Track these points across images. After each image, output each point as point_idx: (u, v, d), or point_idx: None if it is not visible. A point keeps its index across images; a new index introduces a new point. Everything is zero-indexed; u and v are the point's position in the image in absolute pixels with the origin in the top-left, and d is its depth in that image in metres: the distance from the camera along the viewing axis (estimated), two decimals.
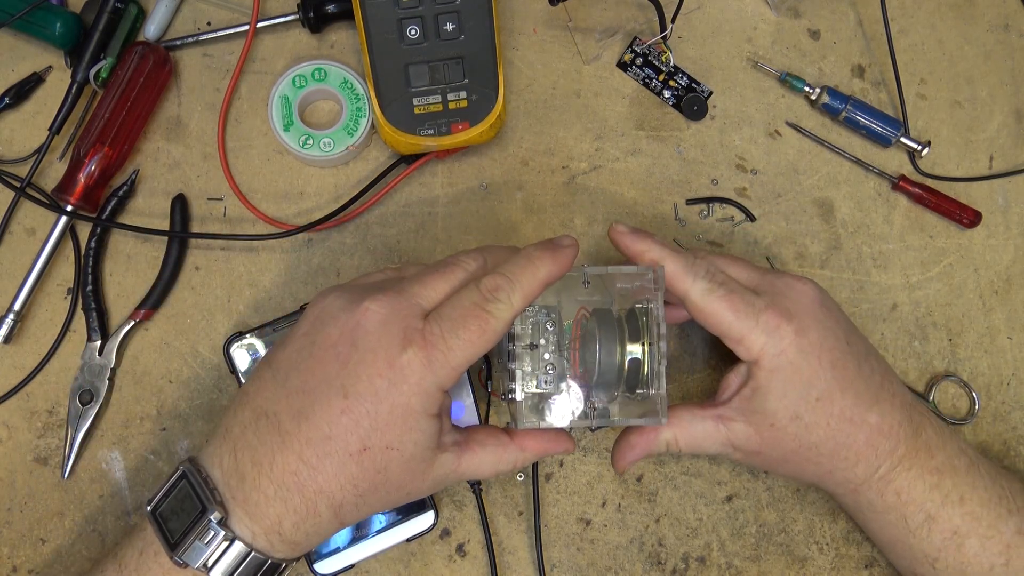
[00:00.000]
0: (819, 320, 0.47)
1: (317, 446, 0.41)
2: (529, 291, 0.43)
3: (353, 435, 0.41)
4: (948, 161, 0.62)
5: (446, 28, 0.53)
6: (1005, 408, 0.59)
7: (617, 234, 0.48)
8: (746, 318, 0.46)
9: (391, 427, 0.41)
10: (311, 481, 0.41)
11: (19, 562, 0.55)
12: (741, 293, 0.46)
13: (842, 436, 0.47)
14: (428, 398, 0.41)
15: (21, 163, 0.58)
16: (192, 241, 0.58)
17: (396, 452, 0.41)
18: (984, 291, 0.61)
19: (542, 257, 0.44)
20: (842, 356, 0.47)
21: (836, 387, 0.46)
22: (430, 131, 0.55)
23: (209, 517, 0.41)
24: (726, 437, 0.48)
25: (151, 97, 0.57)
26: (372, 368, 0.41)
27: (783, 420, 0.47)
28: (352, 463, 0.41)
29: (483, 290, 0.42)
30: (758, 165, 0.61)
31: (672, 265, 0.46)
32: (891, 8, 0.61)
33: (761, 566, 0.56)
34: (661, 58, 0.61)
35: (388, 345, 0.41)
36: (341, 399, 0.41)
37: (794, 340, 0.46)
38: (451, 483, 0.45)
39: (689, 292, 0.46)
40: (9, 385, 0.56)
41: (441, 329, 0.41)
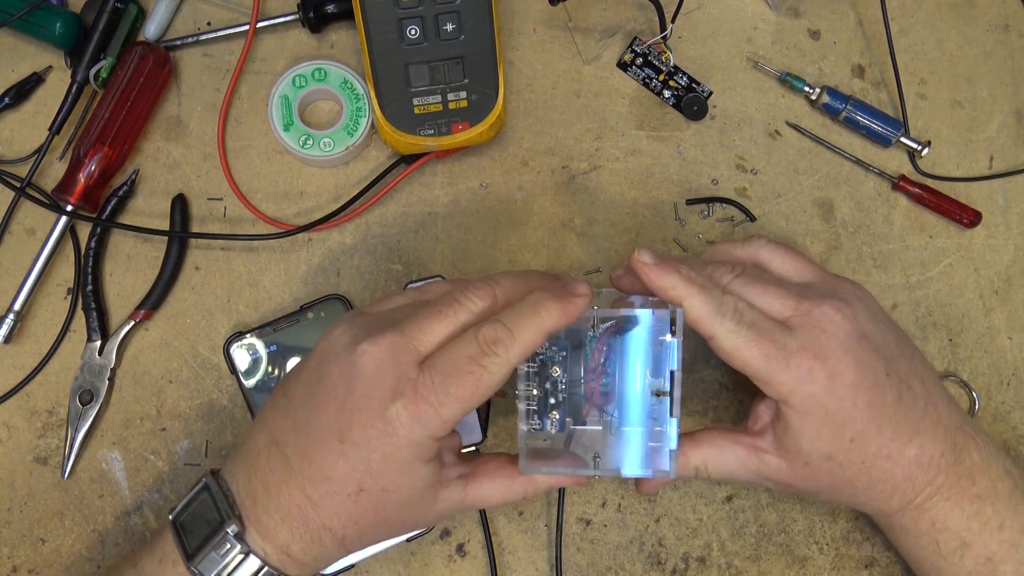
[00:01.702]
0: (856, 357, 0.44)
1: (318, 485, 0.42)
2: (530, 344, 0.41)
3: (350, 478, 0.41)
4: (948, 161, 0.62)
5: (446, 28, 0.53)
6: (1005, 408, 0.59)
7: (639, 265, 0.44)
8: (775, 362, 0.43)
9: (385, 473, 0.41)
10: (314, 516, 0.42)
11: (19, 562, 0.55)
12: (771, 334, 0.43)
13: (878, 472, 0.45)
14: (419, 448, 0.41)
15: (21, 163, 0.58)
16: (192, 241, 0.58)
17: (392, 494, 0.42)
18: (984, 291, 0.61)
19: (549, 308, 0.42)
20: (880, 392, 0.44)
21: (872, 426, 0.44)
22: (430, 131, 0.55)
23: (226, 529, 0.42)
24: (758, 468, 0.47)
25: (151, 97, 0.57)
26: (365, 416, 0.41)
27: (816, 460, 0.45)
28: (350, 503, 0.42)
29: (480, 342, 0.41)
30: (758, 165, 0.61)
31: (697, 305, 0.43)
32: (891, 8, 0.61)
33: (761, 566, 0.56)
34: (661, 58, 0.61)
35: (380, 394, 0.41)
36: (338, 443, 0.41)
37: (826, 384, 0.43)
38: (459, 512, 0.46)
39: (715, 335, 0.43)
40: (9, 385, 0.56)
41: (433, 382, 0.40)
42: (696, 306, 0.43)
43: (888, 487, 0.46)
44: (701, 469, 0.47)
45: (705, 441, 0.47)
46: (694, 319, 0.43)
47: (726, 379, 0.58)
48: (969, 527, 0.46)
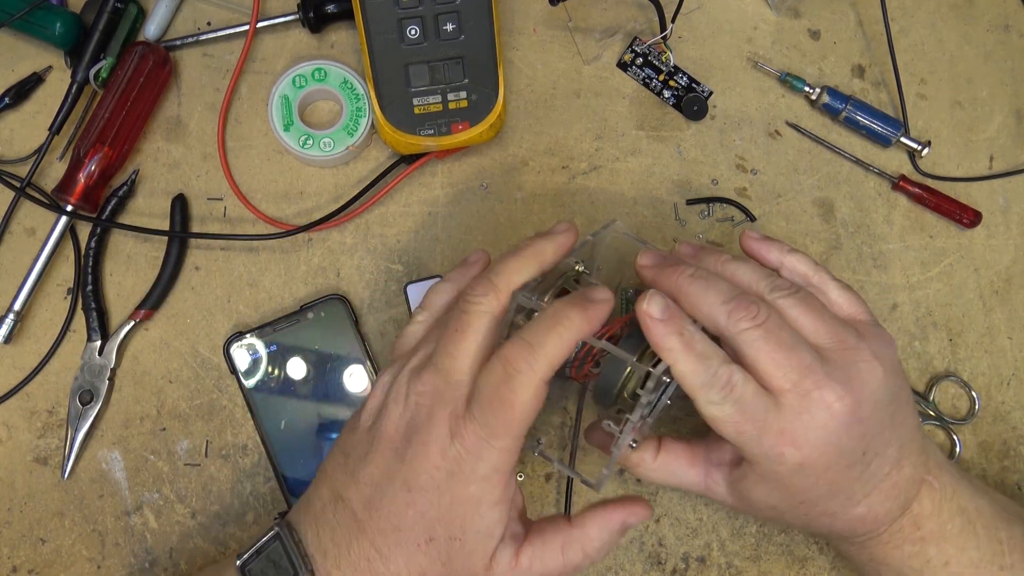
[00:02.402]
0: (837, 446, 0.42)
1: (388, 536, 0.42)
2: (554, 355, 0.40)
3: (420, 526, 0.41)
4: (948, 161, 0.62)
5: (446, 28, 0.53)
6: (1005, 408, 0.59)
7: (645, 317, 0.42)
8: (748, 438, 0.42)
9: (455, 517, 0.41)
10: (384, 569, 0.42)
11: (19, 562, 0.55)
12: (752, 414, 0.41)
13: (820, 525, 0.46)
14: (487, 483, 0.41)
15: (21, 163, 0.58)
16: (192, 241, 0.58)
17: (458, 543, 0.41)
18: (984, 291, 0.61)
19: (570, 316, 0.41)
20: (847, 471, 0.43)
21: (824, 495, 0.44)
22: (430, 131, 0.55)
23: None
24: (706, 490, 0.47)
25: (151, 97, 0.57)
26: (428, 462, 0.41)
27: (761, 508, 0.46)
28: (420, 553, 0.42)
29: (504, 365, 0.40)
30: (758, 165, 0.61)
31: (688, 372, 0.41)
32: (891, 8, 0.61)
33: (761, 566, 0.56)
34: (661, 58, 0.61)
35: (438, 438, 0.41)
36: (405, 493, 0.41)
37: (794, 468, 0.42)
38: None
39: (696, 401, 0.42)
40: (9, 385, 0.56)
41: (477, 416, 0.41)
42: (687, 373, 0.41)
43: (826, 532, 0.48)
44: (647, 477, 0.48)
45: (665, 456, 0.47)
46: (679, 379, 0.42)
47: None
48: (910, 564, 0.46)
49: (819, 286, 0.46)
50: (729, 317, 0.42)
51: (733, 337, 0.42)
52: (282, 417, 0.55)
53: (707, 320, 0.43)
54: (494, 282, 0.43)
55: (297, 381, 0.56)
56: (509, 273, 0.43)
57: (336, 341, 0.56)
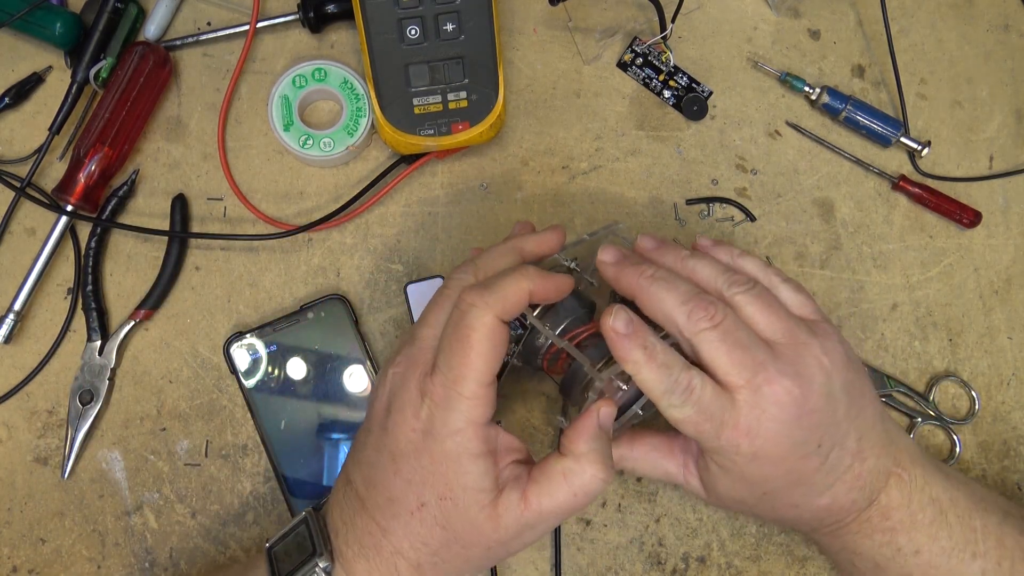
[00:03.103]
0: (790, 438, 0.43)
1: (385, 509, 0.43)
2: (506, 292, 0.41)
3: (409, 494, 0.42)
4: (948, 161, 0.62)
5: (446, 28, 0.53)
6: (1005, 408, 0.59)
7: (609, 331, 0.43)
8: (708, 436, 0.43)
9: (439, 476, 0.41)
10: (385, 542, 0.43)
11: (19, 562, 0.55)
12: (709, 412, 0.43)
13: (787, 517, 0.48)
14: (461, 436, 0.41)
15: (21, 163, 0.58)
16: (192, 241, 0.58)
17: (449, 502, 0.42)
18: (984, 291, 0.61)
19: (528, 270, 0.42)
20: (804, 462, 0.44)
21: (786, 486, 0.45)
22: (430, 131, 0.55)
23: (316, 560, 0.43)
24: (682, 483, 0.50)
25: (151, 97, 0.57)
26: (404, 427, 0.42)
27: (729, 502, 0.48)
28: (415, 521, 0.42)
29: (459, 304, 0.42)
30: (758, 165, 0.61)
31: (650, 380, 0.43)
32: (891, 8, 0.61)
33: (761, 566, 0.56)
34: (661, 58, 0.61)
35: (411, 400, 0.42)
36: (391, 462, 0.43)
37: (749, 458, 0.44)
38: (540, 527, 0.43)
39: (658, 404, 0.43)
40: (9, 385, 0.56)
41: (440, 366, 0.41)
42: (650, 381, 0.43)
43: (795, 524, 0.50)
44: (628, 468, 0.50)
45: (641, 445, 0.49)
46: (643, 387, 0.43)
47: None
48: (881, 553, 0.47)
49: (770, 288, 0.47)
50: (688, 319, 0.43)
51: (692, 338, 0.43)
52: (282, 417, 0.55)
53: (666, 321, 0.44)
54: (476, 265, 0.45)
55: (297, 381, 0.56)
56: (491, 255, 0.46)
57: (336, 341, 0.56)
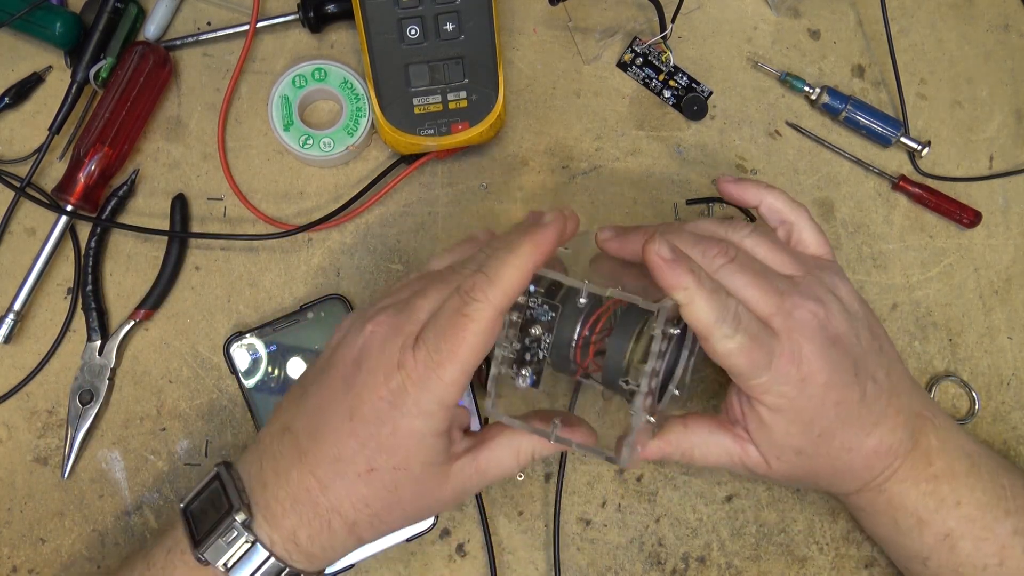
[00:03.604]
0: (829, 359, 0.44)
1: (328, 466, 0.42)
2: (510, 284, 0.41)
3: (360, 456, 0.41)
4: (948, 161, 0.62)
5: (446, 28, 0.53)
6: (1005, 408, 0.59)
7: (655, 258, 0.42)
8: (759, 368, 0.43)
9: (396, 448, 0.41)
10: (323, 499, 0.42)
11: (19, 562, 0.55)
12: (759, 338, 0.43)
13: (840, 464, 0.47)
14: (430, 418, 0.41)
15: (21, 163, 0.58)
16: (192, 241, 0.58)
17: (404, 472, 0.41)
18: (984, 291, 0.61)
19: (521, 243, 0.42)
20: (848, 391, 0.45)
21: (837, 423, 0.46)
22: (430, 131, 0.55)
23: (234, 516, 0.42)
24: (740, 459, 0.47)
25: (151, 97, 0.57)
26: (374, 391, 0.41)
27: (788, 454, 0.46)
28: (361, 483, 0.42)
29: (462, 293, 0.41)
30: (758, 165, 0.61)
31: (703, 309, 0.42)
32: (891, 8, 0.61)
33: (761, 566, 0.56)
34: (661, 58, 0.61)
35: (386, 367, 0.41)
36: (348, 421, 0.42)
37: (799, 385, 0.44)
38: (477, 488, 0.44)
39: (711, 339, 0.43)
40: (9, 385, 0.56)
41: (427, 345, 0.41)
42: (701, 310, 0.42)
43: (848, 475, 0.48)
44: (687, 453, 0.47)
45: (695, 426, 0.48)
46: (694, 318, 0.42)
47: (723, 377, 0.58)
48: (925, 505, 0.48)
49: (795, 223, 0.49)
50: (704, 256, 0.44)
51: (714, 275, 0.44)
52: None
53: None
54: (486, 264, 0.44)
55: None
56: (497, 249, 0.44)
57: None
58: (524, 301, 0.44)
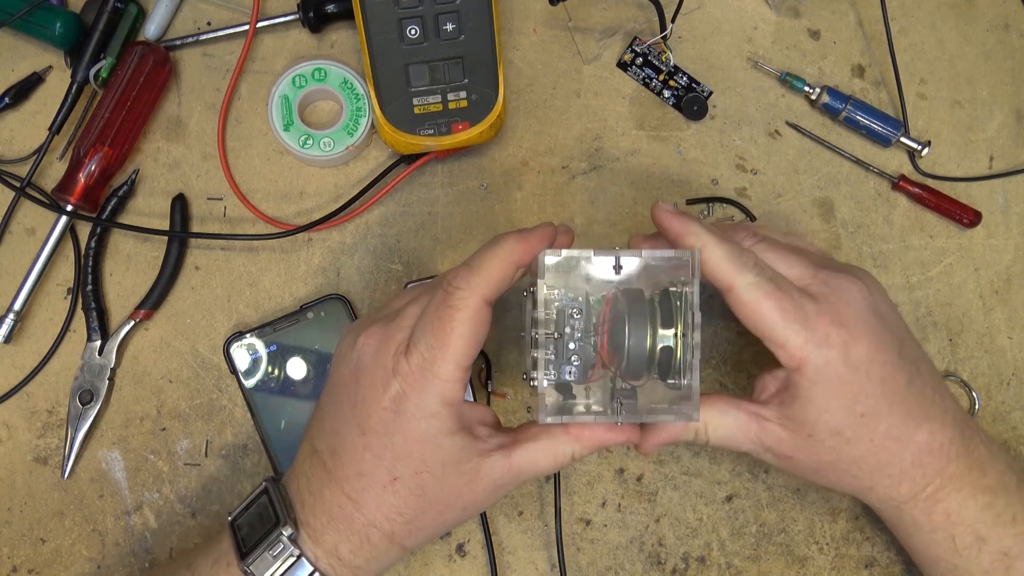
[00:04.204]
0: (872, 330, 0.43)
1: (354, 482, 0.42)
2: (492, 273, 0.41)
3: (380, 468, 0.42)
4: (948, 161, 0.62)
5: (446, 28, 0.53)
6: (1005, 408, 0.59)
7: (660, 211, 0.43)
8: (793, 321, 0.41)
9: (412, 454, 0.41)
10: (358, 515, 0.42)
11: (19, 562, 0.55)
12: (790, 292, 0.42)
13: (886, 454, 0.44)
14: (435, 418, 0.41)
15: (21, 163, 0.58)
16: (192, 241, 0.58)
17: (427, 475, 0.41)
18: (984, 291, 0.61)
19: (507, 239, 0.42)
20: (893, 370, 0.43)
21: (884, 403, 0.43)
22: (430, 131, 0.55)
23: (281, 530, 0.42)
24: (758, 436, 0.45)
25: (151, 97, 0.57)
26: (376, 403, 0.42)
27: (822, 433, 0.43)
28: (389, 494, 0.42)
29: (445, 286, 0.41)
30: (758, 165, 0.61)
31: (717, 253, 0.41)
32: (891, 8, 0.61)
33: (761, 566, 0.56)
34: (661, 58, 0.61)
35: (383, 377, 0.41)
36: (360, 436, 0.42)
37: (842, 351, 0.42)
38: (513, 486, 0.43)
39: (734, 285, 0.41)
40: (9, 385, 0.56)
41: (418, 347, 0.41)
42: (717, 253, 0.41)
43: (896, 472, 0.44)
44: (701, 432, 0.45)
45: (706, 404, 0.45)
46: (713, 267, 0.41)
47: (726, 378, 0.58)
48: (983, 519, 0.45)
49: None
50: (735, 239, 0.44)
51: None
52: (282, 417, 0.55)
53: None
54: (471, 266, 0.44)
55: (297, 381, 0.56)
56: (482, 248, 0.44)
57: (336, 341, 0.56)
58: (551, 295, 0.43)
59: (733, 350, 0.58)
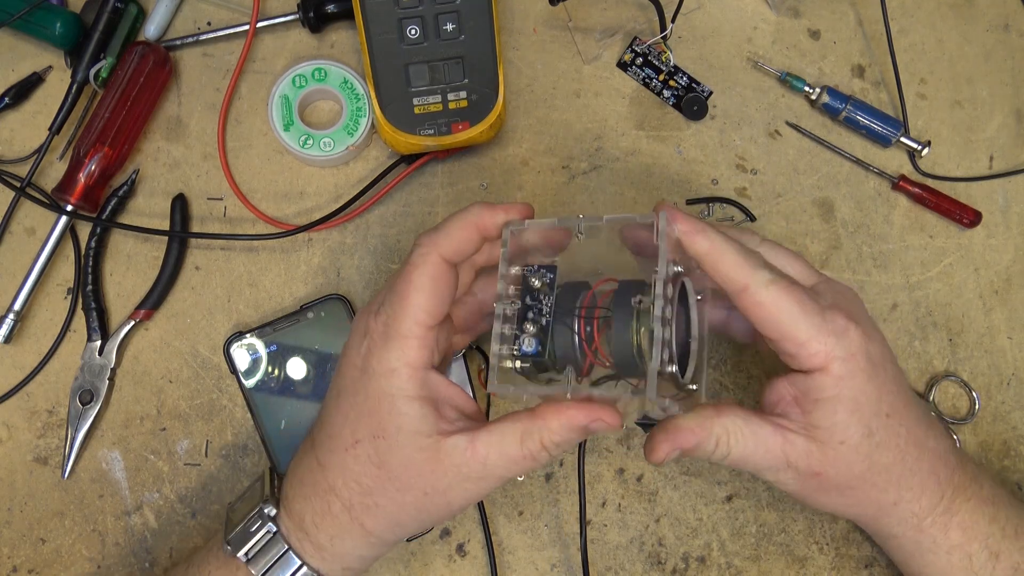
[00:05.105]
0: (876, 328, 0.43)
1: (325, 444, 0.44)
2: (452, 231, 0.42)
3: (346, 429, 0.43)
4: (948, 161, 0.62)
5: (446, 28, 0.53)
6: (1005, 408, 0.59)
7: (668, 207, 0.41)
8: (813, 314, 0.39)
9: (373, 414, 0.42)
10: (321, 478, 0.43)
11: (19, 562, 0.55)
12: (804, 288, 0.41)
13: (911, 460, 0.42)
14: (395, 375, 0.41)
15: (21, 163, 0.58)
16: (192, 241, 0.58)
17: (383, 440, 0.41)
18: (984, 291, 0.61)
19: (475, 204, 0.43)
20: (898, 371, 0.43)
21: (902, 403, 0.42)
22: (430, 131, 0.55)
23: (263, 508, 0.44)
24: (783, 451, 0.41)
25: (151, 97, 0.57)
26: (348, 363, 0.43)
27: (855, 436, 0.41)
28: (349, 457, 0.42)
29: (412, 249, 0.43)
30: (758, 165, 0.61)
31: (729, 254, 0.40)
32: (891, 8, 0.61)
33: (761, 566, 0.56)
34: (661, 58, 0.61)
35: (358, 338, 0.43)
36: (335, 398, 0.44)
37: (863, 344, 0.40)
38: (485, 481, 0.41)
39: (750, 284, 0.39)
40: (9, 385, 0.56)
41: (384, 306, 0.42)
42: (729, 254, 0.39)
43: (918, 481, 0.43)
44: (722, 443, 0.41)
45: (729, 411, 0.41)
46: (726, 268, 0.39)
47: (726, 378, 0.58)
48: (992, 533, 0.44)
49: None
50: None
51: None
52: (282, 417, 0.55)
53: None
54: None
55: (297, 381, 0.56)
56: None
57: (336, 341, 0.56)
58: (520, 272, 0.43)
59: (733, 350, 0.58)
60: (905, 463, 0.42)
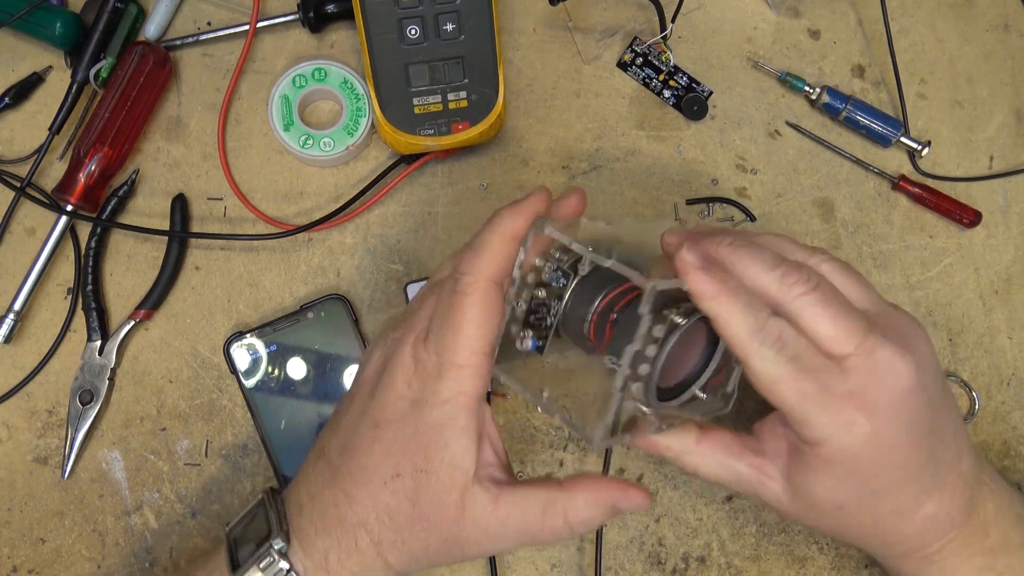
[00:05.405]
0: (906, 415, 0.39)
1: (356, 476, 0.41)
2: (494, 251, 0.41)
3: (387, 462, 0.41)
4: (948, 161, 0.62)
5: (446, 28, 0.53)
6: (1005, 408, 0.59)
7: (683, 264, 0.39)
8: (814, 404, 0.38)
9: (420, 448, 0.40)
10: (350, 512, 0.41)
11: (19, 562, 0.55)
12: (815, 372, 0.38)
13: (885, 527, 0.42)
14: (450, 407, 0.40)
15: (21, 163, 0.58)
16: (192, 241, 0.58)
17: (425, 475, 0.40)
18: (984, 291, 0.61)
19: (502, 213, 0.42)
20: (915, 451, 0.40)
21: (895, 484, 0.41)
22: (430, 131, 0.55)
23: (272, 543, 0.41)
24: (755, 491, 0.43)
25: (151, 97, 0.57)
26: (394, 393, 0.41)
27: (826, 507, 0.41)
28: (386, 491, 0.41)
29: (454, 274, 0.42)
30: (758, 165, 0.61)
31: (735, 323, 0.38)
32: (891, 8, 0.61)
33: (761, 566, 0.56)
34: (661, 58, 0.61)
35: (405, 368, 0.41)
36: (373, 428, 0.42)
37: (867, 438, 0.39)
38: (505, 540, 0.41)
39: (749, 359, 0.38)
40: (9, 385, 0.56)
41: (434, 335, 0.41)
42: (733, 324, 0.38)
43: (893, 540, 0.44)
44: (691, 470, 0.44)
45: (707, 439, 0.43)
46: (729, 337, 0.38)
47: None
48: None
49: None
50: (781, 283, 0.39)
51: (787, 304, 0.39)
52: (282, 417, 0.55)
53: (756, 288, 0.39)
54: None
55: (297, 381, 0.56)
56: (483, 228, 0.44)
57: (336, 341, 0.56)
58: (541, 264, 0.43)
59: None
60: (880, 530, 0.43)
